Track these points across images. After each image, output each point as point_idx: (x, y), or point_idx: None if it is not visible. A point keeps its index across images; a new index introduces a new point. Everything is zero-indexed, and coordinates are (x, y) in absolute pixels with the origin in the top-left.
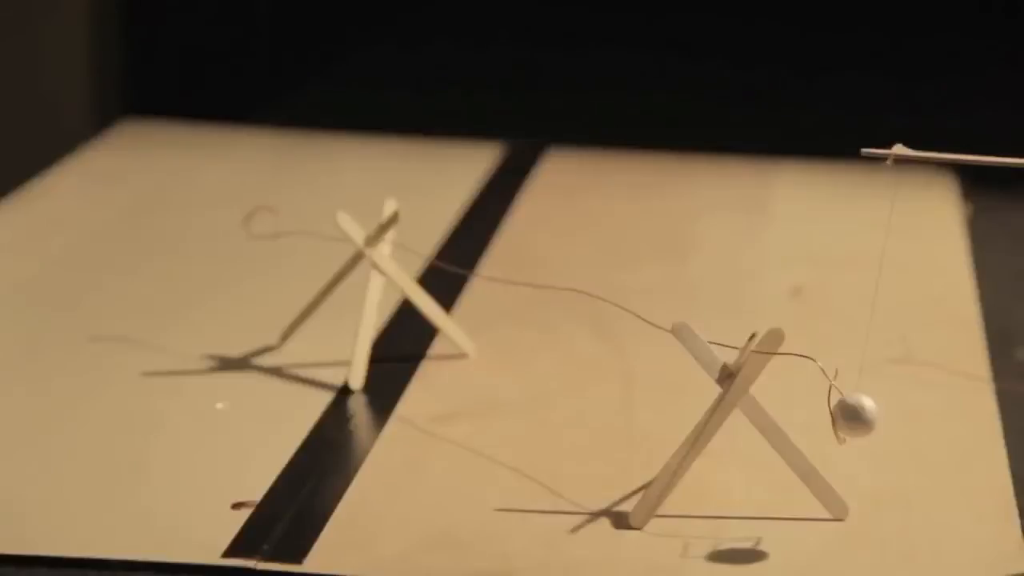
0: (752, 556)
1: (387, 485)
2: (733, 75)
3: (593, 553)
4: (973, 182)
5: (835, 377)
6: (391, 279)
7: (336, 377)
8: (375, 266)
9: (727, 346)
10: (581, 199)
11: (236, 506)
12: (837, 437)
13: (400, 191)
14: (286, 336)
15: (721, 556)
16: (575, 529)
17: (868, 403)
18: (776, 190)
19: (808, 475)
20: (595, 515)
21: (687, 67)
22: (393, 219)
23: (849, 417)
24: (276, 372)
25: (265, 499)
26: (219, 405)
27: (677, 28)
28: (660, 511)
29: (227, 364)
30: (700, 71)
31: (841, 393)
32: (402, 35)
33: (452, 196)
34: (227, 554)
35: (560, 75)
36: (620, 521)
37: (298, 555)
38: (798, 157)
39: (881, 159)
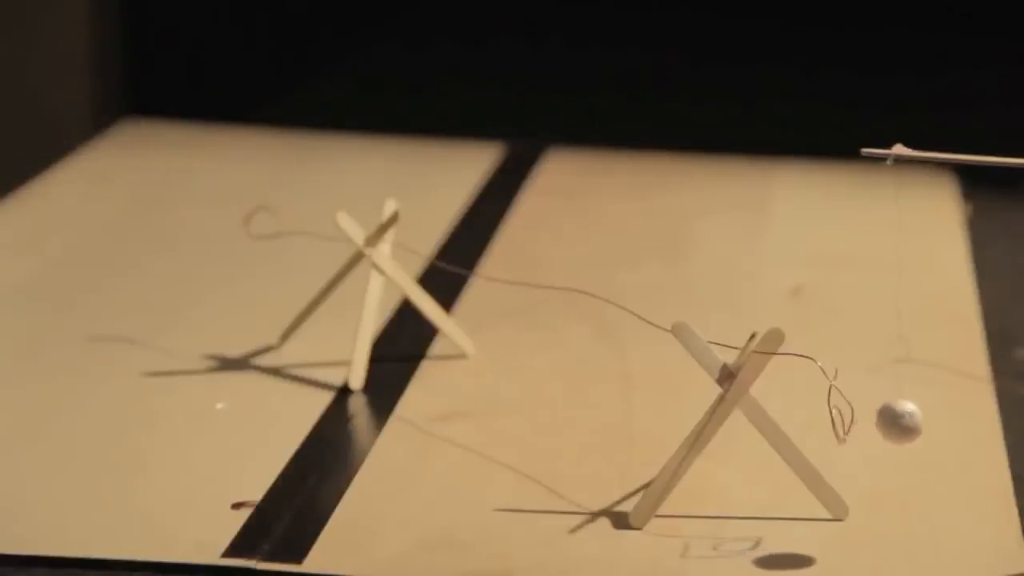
0: (752, 556)
1: (387, 485)
2: (733, 75)
3: (593, 553)
4: (973, 182)
5: (835, 377)
6: (391, 279)
7: (336, 377)
8: (375, 266)
9: (727, 346)
10: (581, 199)
11: (236, 506)
12: (837, 437)
13: (400, 191)
14: (286, 336)
15: (721, 556)
16: (575, 529)
17: (911, 408)
18: (776, 190)
19: (808, 475)
20: (595, 515)
21: (687, 67)
22: (393, 219)
23: (893, 424)
24: (276, 372)
25: (265, 499)
26: (219, 405)
27: (677, 28)
28: (660, 511)
29: (227, 364)
30: (700, 71)
31: (841, 393)
32: (402, 35)
33: (452, 196)
34: (227, 554)
35: (560, 75)
36: (620, 521)
37: (298, 555)
38: (798, 157)
39: (881, 159)
